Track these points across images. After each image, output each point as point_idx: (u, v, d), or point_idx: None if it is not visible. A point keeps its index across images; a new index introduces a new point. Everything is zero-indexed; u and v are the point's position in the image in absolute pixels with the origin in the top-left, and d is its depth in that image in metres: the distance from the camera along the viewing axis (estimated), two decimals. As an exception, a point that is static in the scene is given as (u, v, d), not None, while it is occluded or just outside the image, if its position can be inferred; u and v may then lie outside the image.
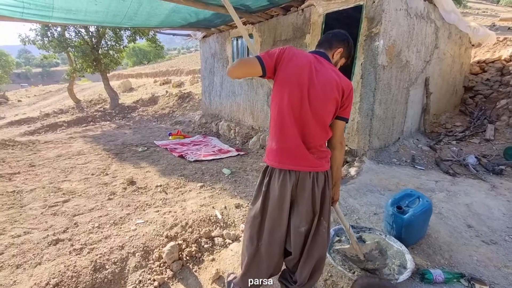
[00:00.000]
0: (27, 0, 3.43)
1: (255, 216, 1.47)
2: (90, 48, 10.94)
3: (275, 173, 1.40)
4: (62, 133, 9.05)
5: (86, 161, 4.32)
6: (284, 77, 1.33)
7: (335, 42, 1.45)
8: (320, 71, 1.34)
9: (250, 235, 1.51)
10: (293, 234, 1.43)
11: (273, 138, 1.39)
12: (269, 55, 1.34)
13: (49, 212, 2.68)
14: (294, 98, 1.31)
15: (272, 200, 1.40)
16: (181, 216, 2.66)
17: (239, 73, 1.38)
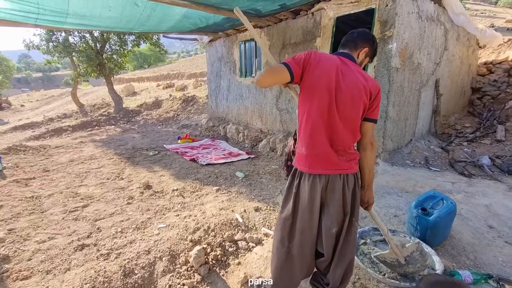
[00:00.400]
0: (42, 6, 3.47)
1: (286, 217, 1.48)
2: (95, 53, 11.00)
3: (305, 176, 1.41)
4: (67, 137, 9.05)
5: (100, 165, 4.33)
6: (311, 83, 1.33)
7: (361, 42, 1.44)
8: (347, 74, 1.34)
9: (281, 237, 1.51)
10: (324, 235, 1.44)
11: (302, 144, 1.41)
12: (296, 62, 1.34)
13: (70, 217, 2.68)
14: (322, 104, 1.32)
15: (302, 202, 1.42)
16: (202, 220, 2.67)
17: (269, 82, 1.39)
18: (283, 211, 1.52)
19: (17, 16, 3.69)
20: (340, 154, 1.37)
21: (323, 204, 1.41)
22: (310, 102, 1.35)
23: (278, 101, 5.58)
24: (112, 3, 3.63)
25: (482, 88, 5.76)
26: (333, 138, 1.36)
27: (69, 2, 3.44)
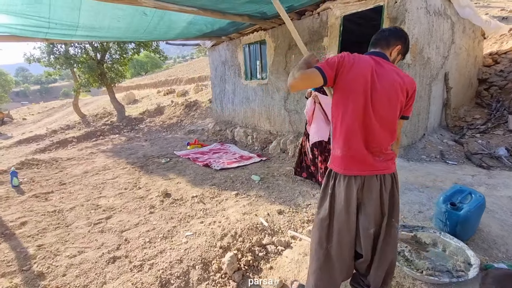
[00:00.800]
0: (53, 21, 3.48)
1: (323, 218, 1.48)
2: (96, 63, 11.02)
3: (340, 177, 1.42)
4: (72, 148, 9.07)
5: (115, 175, 4.33)
6: (346, 85, 1.34)
7: (393, 39, 1.44)
8: (382, 74, 1.34)
9: (319, 238, 1.51)
10: (362, 236, 1.44)
11: (338, 145, 1.41)
12: (329, 65, 1.34)
13: (96, 230, 2.68)
14: (357, 106, 1.32)
15: (338, 203, 1.42)
16: (228, 226, 2.67)
17: (302, 86, 1.39)
18: (319, 212, 1.52)
19: (27, 31, 3.70)
20: (376, 155, 1.38)
21: (360, 205, 1.41)
22: (345, 105, 1.36)
23: (287, 102, 5.59)
24: (121, 14, 3.64)
25: (488, 79, 5.77)
26: (369, 139, 1.36)
27: (79, 15, 3.45)
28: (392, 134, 1.40)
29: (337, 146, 1.42)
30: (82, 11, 3.36)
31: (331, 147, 1.50)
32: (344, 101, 1.36)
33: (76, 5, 3.21)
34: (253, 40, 6.11)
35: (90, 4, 3.24)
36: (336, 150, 1.42)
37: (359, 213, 1.41)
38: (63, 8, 3.23)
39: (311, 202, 3.17)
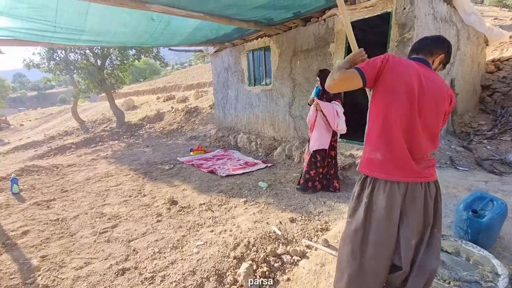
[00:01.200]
0: (59, 25, 3.43)
1: (357, 229, 1.40)
2: (96, 69, 10.97)
3: (379, 184, 1.34)
4: (71, 155, 8.94)
5: (118, 182, 4.22)
6: (390, 86, 1.29)
7: (436, 48, 1.42)
8: (430, 81, 1.31)
9: (351, 250, 1.43)
10: (404, 247, 1.37)
11: (378, 149, 1.35)
12: (370, 66, 1.31)
13: (102, 240, 2.57)
14: (402, 109, 1.28)
15: (377, 211, 1.34)
16: (239, 235, 2.58)
17: (341, 88, 1.39)
18: (351, 222, 1.45)
19: (31, 35, 3.65)
20: (418, 162, 1.31)
21: (402, 214, 1.34)
22: (387, 107, 1.30)
23: (291, 108, 5.55)
24: (128, 18, 3.61)
25: (491, 85, 5.80)
26: (412, 144, 1.31)
27: (86, 20, 3.41)
28: (434, 142, 1.35)
29: (375, 149, 1.35)
30: (89, 15, 3.32)
31: (364, 150, 1.43)
32: (386, 103, 1.31)
33: (83, 10, 3.17)
34: (257, 46, 6.11)
35: (97, 8, 3.20)
36: (374, 154, 1.35)
37: (401, 223, 1.33)
38: (70, 12, 3.19)
39: (323, 210, 3.10)
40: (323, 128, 3.41)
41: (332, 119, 3.28)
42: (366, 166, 1.38)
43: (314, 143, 3.45)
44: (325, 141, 3.43)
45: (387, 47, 3.81)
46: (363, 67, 1.31)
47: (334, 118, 3.28)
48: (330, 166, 3.57)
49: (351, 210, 1.47)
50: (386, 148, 1.31)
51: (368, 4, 3.90)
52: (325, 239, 2.46)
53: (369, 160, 1.37)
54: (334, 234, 2.57)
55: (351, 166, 4.19)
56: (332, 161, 3.57)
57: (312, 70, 4.95)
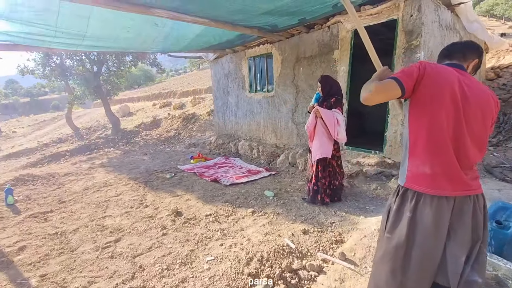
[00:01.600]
0: (60, 29, 3.32)
1: (399, 246, 1.30)
2: (92, 75, 10.81)
3: (424, 199, 1.26)
4: (66, 162, 8.70)
5: (118, 192, 4.05)
6: (432, 95, 1.22)
7: (470, 53, 1.36)
8: (472, 87, 1.25)
9: (391, 269, 1.33)
10: (452, 265, 1.27)
11: (426, 162, 1.26)
12: (407, 75, 1.24)
13: (105, 255, 2.41)
14: (448, 117, 1.21)
15: (423, 227, 1.25)
16: (251, 249, 2.45)
17: (378, 99, 1.29)
18: (392, 238, 1.34)
19: (31, 40, 3.52)
20: (466, 173, 1.24)
21: (449, 229, 1.25)
22: (432, 116, 1.23)
23: (294, 114, 5.49)
24: (131, 24, 3.52)
25: (491, 92, 5.84)
26: (460, 155, 1.23)
27: (88, 24, 3.31)
28: (482, 151, 1.28)
29: (422, 163, 1.26)
30: (91, 20, 3.22)
31: (408, 163, 1.33)
32: (430, 113, 1.23)
33: (86, 14, 3.07)
34: (259, 53, 6.07)
35: (100, 13, 3.11)
36: (422, 168, 1.26)
37: (448, 239, 1.25)
38: (72, 16, 3.08)
39: (335, 220, 2.99)
40: (324, 136, 3.26)
41: (333, 127, 3.13)
42: (414, 181, 1.29)
43: (316, 152, 3.29)
44: (327, 150, 3.27)
45: (393, 54, 3.79)
46: (400, 76, 1.23)
47: (334, 126, 3.13)
48: (333, 176, 3.38)
49: (390, 225, 1.37)
50: (435, 161, 1.23)
51: (373, 12, 3.89)
52: (342, 252, 2.35)
53: (416, 175, 1.28)
54: (350, 247, 2.46)
55: (358, 174, 4.12)
56: (333, 171, 3.38)
57: (315, 77, 4.90)
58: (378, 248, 1.48)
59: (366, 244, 2.48)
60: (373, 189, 3.77)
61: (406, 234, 1.27)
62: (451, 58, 1.39)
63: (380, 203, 3.39)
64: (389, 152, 4.02)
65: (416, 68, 1.26)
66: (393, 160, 3.97)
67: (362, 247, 2.46)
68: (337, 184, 3.44)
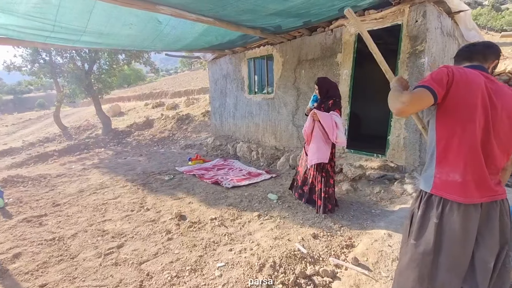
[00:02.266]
0: (59, 24, 3.17)
1: (426, 252, 1.28)
2: (84, 73, 10.48)
3: (451, 205, 1.24)
4: (54, 163, 8.39)
5: (116, 195, 3.89)
6: (461, 101, 1.20)
7: (490, 54, 1.34)
8: (498, 91, 1.23)
9: (419, 276, 1.31)
10: (481, 271, 1.26)
11: (456, 170, 1.24)
12: (437, 82, 1.20)
13: (109, 262, 2.28)
14: (479, 123, 1.19)
15: (450, 234, 1.24)
16: (262, 254, 2.38)
17: (413, 109, 1.25)
18: (418, 245, 1.32)
19: (26, 34, 3.34)
20: (491, 179, 1.23)
21: (477, 235, 1.24)
22: (463, 123, 1.21)
23: (295, 117, 5.46)
24: (134, 20, 3.40)
25: (485, 98, 6.00)
26: (488, 161, 1.22)
27: (89, 19, 3.17)
28: (507, 156, 1.27)
29: (453, 170, 1.24)
30: (93, 14, 3.08)
31: (436, 170, 1.30)
32: (461, 119, 1.21)
33: (88, 8, 2.94)
34: (259, 54, 6.03)
35: (103, 8, 2.98)
36: (451, 175, 1.24)
37: (476, 245, 1.24)
38: (73, 10, 2.94)
39: (342, 224, 2.96)
40: (322, 141, 3.15)
41: (331, 131, 3.01)
42: (442, 188, 1.26)
43: (313, 156, 3.17)
44: (324, 155, 3.14)
45: (397, 58, 3.82)
46: (430, 84, 1.20)
47: (333, 129, 3.01)
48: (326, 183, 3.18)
49: (416, 231, 1.34)
50: (468, 170, 1.21)
51: (378, 16, 3.92)
52: (355, 257, 2.31)
53: (445, 182, 1.26)
54: (361, 252, 2.43)
55: (361, 177, 4.12)
56: (326, 177, 3.20)
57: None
58: (403, 254, 1.45)
59: (378, 249, 2.46)
60: (376, 193, 3.77)
61: (433, 240, 1.26)
62: (471, 60, 1.37)
63: (385, 206, 3.39)
64: (392, 156, 4.04)
65: (445, 74, 1.23)
66: (396, 163, 3.99)
67: (373, 251, 2.43)
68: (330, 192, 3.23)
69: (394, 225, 2.81)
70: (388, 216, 3.09)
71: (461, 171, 1.21)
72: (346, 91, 4.47)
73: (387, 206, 3.39)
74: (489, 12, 30.14)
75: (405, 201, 3.39)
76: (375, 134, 6.21)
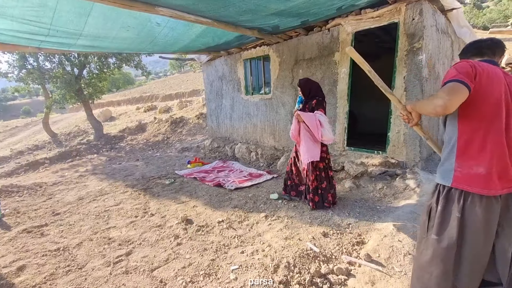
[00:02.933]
0: (55, 27, 3.08)
1: (450, 247, 1.30)
2: (74, 78, 10.23)
3: (473, 198, 1.26)
4: (46, 171, 8.18)
5: (117, 201, 3.79)
6: (486, 94, 1.23)
7: (498, 50, 1.40)
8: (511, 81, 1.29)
9: (443, 270, 1.32)
10: (500, 260, 1.30)
11: (481, 163, 1.26)
12: (466, 75, 1.22)
13: (119, 271, 2.22)
14: (502, 117, 1.23)
15: (473, 227, 1.26)
16: (275, 255, 2.36)
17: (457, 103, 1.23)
18: (441, 240, 1.33)
19: (20, 38, 3.23)
20: None
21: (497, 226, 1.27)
22: (489, 118, 1.23)
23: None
24: (132, 22, 3.34)
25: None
26: (510, 153, 1.24)
27: (86, 22, 3.09)
28: None
29: (477, 163, 1.25)
30: (90, 17, 3.01)
31: (457, 164, 1.32)
32: (488, 114, 1.23)
33: (85, 11, 2.87)
34: (255, 55, 6.02)
35: (101, 10, 2.92)
36: (476, 168, 1.26)
37: (496, 236, 1.27)
38: (70, 13, 2.87)
39: (350, 221, 2.98)
40: (310, 140, 3.22)
41: (316, 130, 3.08)
42: (465, 182, 1.28)
43: (304, 156, 3.24)
44: (315, 153, 3.21)
45: (395, 56, 3.88)
46: (461, 78, 1.21)
47: (317, 128, 3.08)
48: (320, 180, 3.29)
49: (437, 226, 1.35)
50: (492, 162, 1.23)
51: (375, 15, 3.97)
52: (367, 253, 2.33)
53: (468, 175, 1.27)
54: (373, 248, 2.44)
55: (363, 174, 4.16)
56: (321, 174, 3.30)
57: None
58: (422, 249, 1.45)
59: (388, 244, 2.48)
60: (379, 189, 3.81)
61: (456, 234, 1.27)
62: (481, 55, 1.41)
63: (390, 202, 3.42)
64: (392, 152, 4.10)
65: (470, 67, 1.25)
66: (397, 159, 4.04)
67: (384, 247, 2.45)
68: (325, 188, 3.31)
69: (402, 220, 2.84)
70: (393, 211, 3.13)
71: (487, 164, 1.23)
72: (345, 90, 4.51)
73: (391, 202, 3.43)
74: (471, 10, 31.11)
75: (408, 196, 3.44)
76: (375, 131, 6.30)
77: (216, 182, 4.50)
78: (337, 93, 4.64)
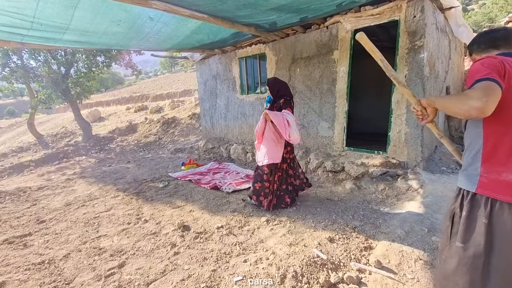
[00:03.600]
0: (39, 21, 2.85)
1: (477, 255, 1.19)
2: (61, 77, 9.82)
3: (501, 204, 1.16)
4: (31, 174, 7.80)
5: (108, 207, 3.56)
6: None
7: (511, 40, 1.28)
8: None
9: (471, 280, 1.22)
10: None
11: (510, 169, 1.15)
12: (496, 72, 1.10)
13: (111, 286, 2.02)
14: None
15: (502, 234, 1.16)
16: (280, 263, 2.22)
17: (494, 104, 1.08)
18: (467, 248, 1.22)
19: (0, 32, 2.98)
20: None
21: None
22: None
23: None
24: (124, 16, 3.14)
25: (470, 93, 6.20)
26: None
27: (73, 15, 2.87)
28: None
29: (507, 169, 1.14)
30: (78, 10, 2.79)
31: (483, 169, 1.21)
32: None
33: (72, 2, 2.65)
34: (251, 53, 5.87)
35: (90, 2, 2.71)
36: (505, 175, 1.14)
37: None
38: (55, 4, 2.64)
39: (355, 224, 2.87)
40: (272, 141, 3.21)
41: (283, 129, 3.06)
42: (492, 188, 1.17)
43: (264, 157, 3.21)
44: (275, 154, 3.20)
45: (395, 54, 3.80)
46: (492, 75, 1.09)
47: (285, 128, 3.06)
48: (282, 181, 3.33)
49: (462, 233, 1.25)
50: None
51: (375, 12, 3.88)
52: (378, 260, 2.21)
53: (495, 181, 1.16)
54: (382, 254, 2.33)
55: (364, 175, 4.07)
56: (283, 175, 3.34)
57: (314, 78, 4.82)
58: (446, 257, 1.34)
59: (397, 249, 2.38)
60: (381, 190, 3.72)
61: (484, 242, 1.17)
62: (498, 48, 1.29)
63: (393, 204, 3.34)
64: (393, 152, 4.02)
65: (499, 65, 1.13)
66: (398, 160, 3.97)
67: (394, 252, 2.34)
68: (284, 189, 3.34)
69: (408, 222, 2.75)
70: (398, 214, 3.04)
71: None
72: (344, 89, 4.41)
73: (395, 204, 3.35)
74: (460, 12, 31.91)
75: (412, 197, 3.36)
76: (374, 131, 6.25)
77: (213, 184, 4.32)
78: (336, 92, 4.54)
